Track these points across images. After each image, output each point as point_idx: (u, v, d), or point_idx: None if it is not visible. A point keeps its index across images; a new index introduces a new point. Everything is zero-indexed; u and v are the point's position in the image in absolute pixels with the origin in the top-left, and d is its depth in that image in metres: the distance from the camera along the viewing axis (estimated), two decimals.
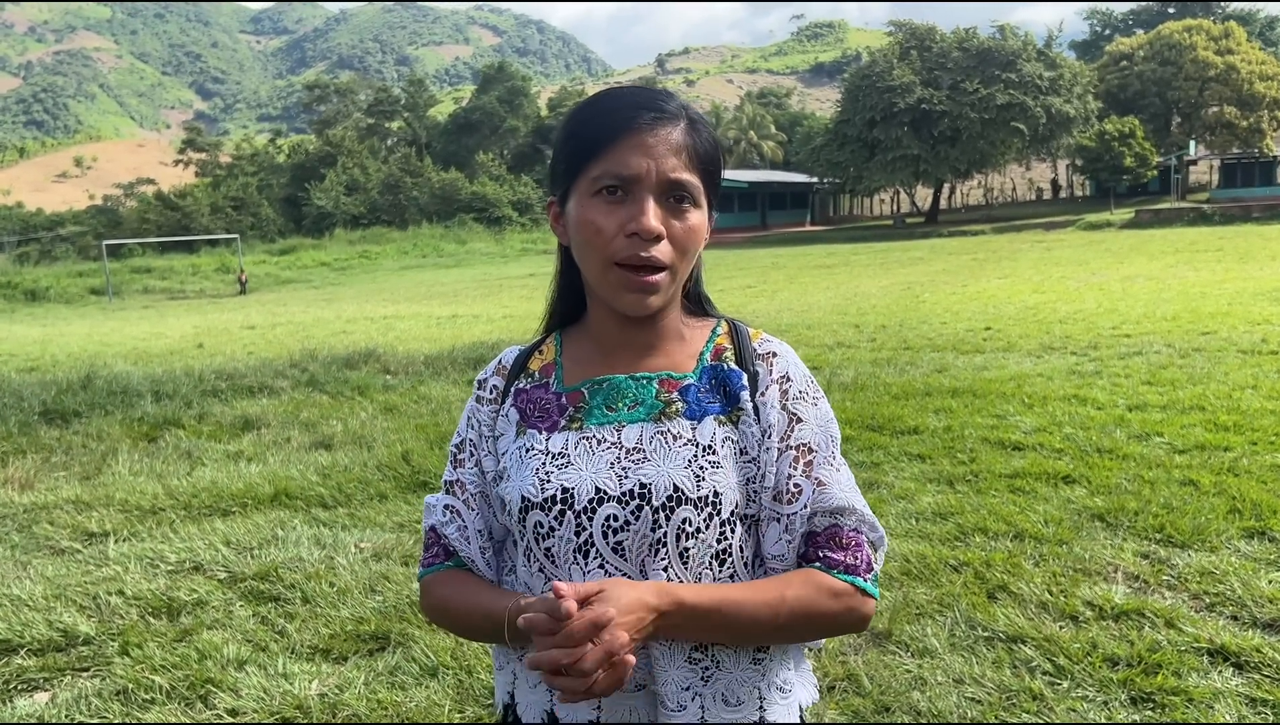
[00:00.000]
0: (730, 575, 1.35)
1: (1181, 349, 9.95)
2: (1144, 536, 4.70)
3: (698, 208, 1.35)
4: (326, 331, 18.05)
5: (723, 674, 1.34)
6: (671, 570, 1.31)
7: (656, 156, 1.30)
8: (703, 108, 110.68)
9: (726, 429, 1.36)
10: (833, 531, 1.36)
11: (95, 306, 34.59)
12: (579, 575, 1.32)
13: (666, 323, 1.43)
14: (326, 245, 56.68)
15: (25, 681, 3.76)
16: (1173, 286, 16.64)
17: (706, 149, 1.36)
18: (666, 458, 1.33)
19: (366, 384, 10.09)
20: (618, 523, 1.31)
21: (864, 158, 55.86)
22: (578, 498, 1.33)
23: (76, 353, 16.29)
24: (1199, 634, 3.63)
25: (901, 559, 4.54)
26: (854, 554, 1.36)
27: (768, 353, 1.41)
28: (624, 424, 1.37)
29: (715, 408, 1.37)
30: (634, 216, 1.30)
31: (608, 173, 1.31)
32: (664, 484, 1.31)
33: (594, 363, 1.44)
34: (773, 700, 1.38)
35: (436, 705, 3.43)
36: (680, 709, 1.32)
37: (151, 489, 6.36)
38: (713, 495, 1.31)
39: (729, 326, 1.47)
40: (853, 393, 8.52)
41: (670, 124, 1.33)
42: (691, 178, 1.33)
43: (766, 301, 19.12)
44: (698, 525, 1.31)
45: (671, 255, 1.33)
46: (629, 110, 1.33)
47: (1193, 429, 6.62)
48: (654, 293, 1.33)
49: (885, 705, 3.31)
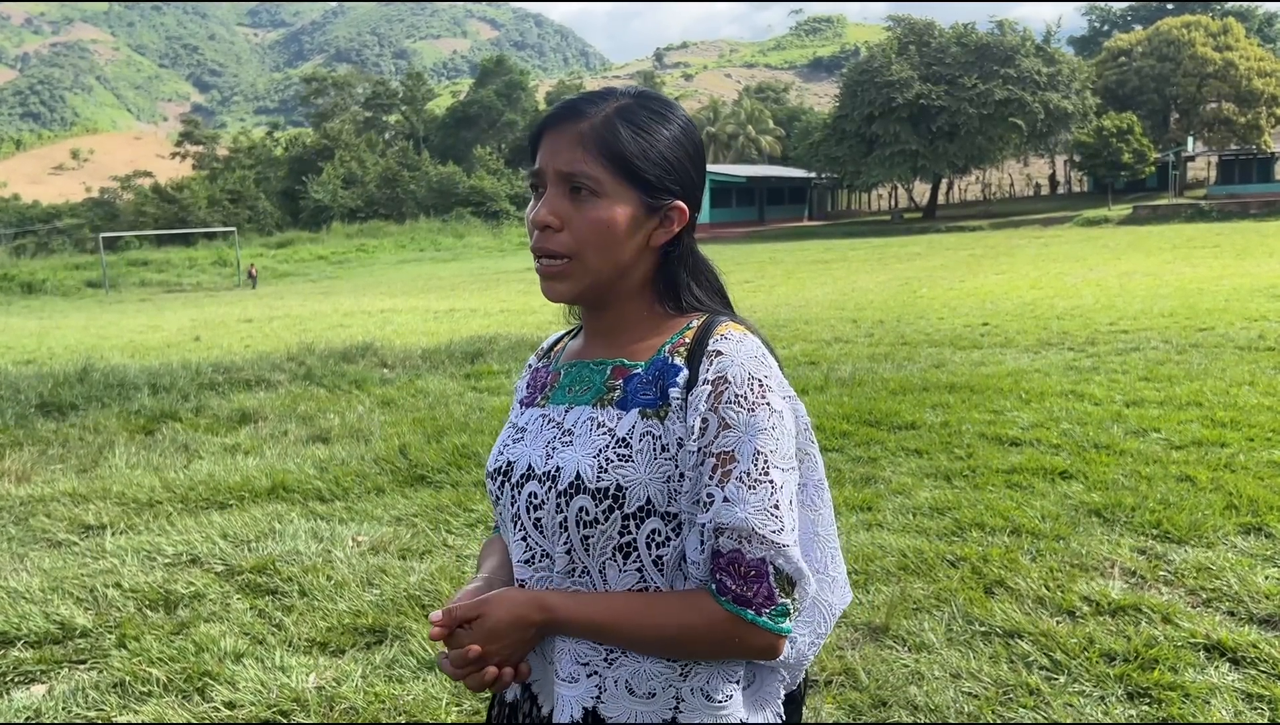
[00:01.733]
0: (637, 569, 1.32)
1: (1179, 345, 9.97)
2: (1141, 532, 4.71)
3: (601, 198, 1.34)
4: (324, 325, 18.03)
5: (629, 660, 1.33)
6: (575, 554, 1.33)
7: (555, 152, 1.36)
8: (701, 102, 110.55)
9: (650, 423, 1.32)
10: (734, 556, 1.27)
11: (92, 299, 34.55)
12: (511, 542, 1.42)
13: (623, 313, 1.43)
14: (324, 239, 56.58)
15: (22, 674, 3.76)
16: (1170, 283, 16.66)
17: (623, 143, 1.35)
18: (584, 444, 1.34)
19: (364, 378, 10.09)
20: (536, 500, 1.36)
21: (862, 153, 55.84)
22: (515, 471, 1.41)
23: (73, 346, 16.27)
24: (1195, 629, 3.63)
25: (899, 554, 4.55)
26: (749, 585, 1.27)
27: (714, 351, 1.33)
28: (572, 406, 1.41)
29: (645, 400, 1.34)
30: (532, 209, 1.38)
31: (529, 171, 1.41)
32: (570, 469, 1.33)
33: (579, 348, 1.50)
34: (692, 705, 1.33)
35: (434, 699, 3.44)
36: (572, 680, 1.34)
37: (148, 482, 6.35)
38: (614, 488, 1.29)
39: (704, 321, 1.40)
40: (850, 388, 8.53)
41: (580, 120, 1.36)
42: (591, 169, 1.34)
43: (764, 296, 19.12)
44: (595, 516, 1.30)
45: (570, 244, 1.35)
46: (552, 113, 1.39)
47: (1190, 425, 6.63)
48: (556, 280, 1.37)
49: (882, 700, 3.32)
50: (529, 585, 1.38)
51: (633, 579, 1.33)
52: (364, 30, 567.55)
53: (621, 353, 1.42)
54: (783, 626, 1.29)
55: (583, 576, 1.35)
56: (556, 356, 1.53)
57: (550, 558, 1.36)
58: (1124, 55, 62.37)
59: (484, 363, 10.77)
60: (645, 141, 1.37)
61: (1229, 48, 57.60)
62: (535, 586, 1.37)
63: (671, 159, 1.39)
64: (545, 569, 1.37)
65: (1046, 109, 52.87)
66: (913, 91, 53.22)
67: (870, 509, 5.25)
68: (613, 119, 1.36)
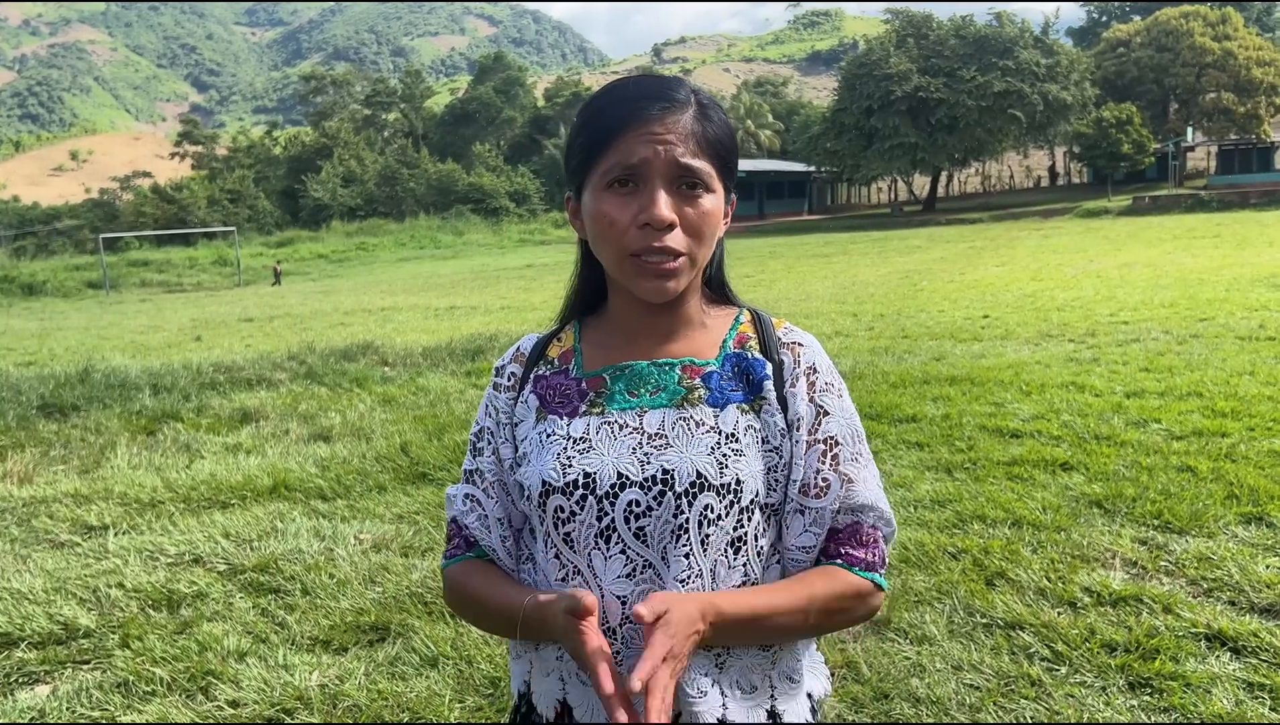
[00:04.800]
0: (744, 563, 1.34)
1: (1179, 335, 9.96)
2: (1142, 523, 4.71)
3: (710, 192, 1.34)
4: (324, 323, 18.04)
5: (735, 660, 1.35)
6: (693, 557, 1.31)
7: (664, 145, 1.30)
8: None
9: (749, 417, 1.36)
10: (854, 528, 1.37)
11: (92, 300, 34.53)
12: (599, 559, 1.33)
13: (688, 309, 1.43)
14: (324, 237, 56.51)
15: (26, 674, 3.77)
16: (1170, 273, 16.64)
17: (718, 134, 1.36)
18: (689, 444, 1.33)
19: (365, 376, 10.09)
20: (640, 508, 1.32)
21: (861, 146, 55.78)
22: (600, 482, 1.33)
23: (74, 346, 16.28)
24: (1196, 619, 3.64)
25: (900, 547, 4.55)
26: (872, 551, 1.37)
27: (793, 342, 1.42)
28: (646, 409, 1.37)
29: (738, 396, 1.38)
30: (645, 207, 1.30)
31: (617, 165, 1.31)
32: (687, 470, 1.31)
33: (616, 349, 1.45)
34: (782, 690, 1.38)
35: (437, 695, 3.44)
36: (701, 695, 1.31)
37: (150, 482, 6.36)
38: (735, 483, 1.32)
39: (752, 315, 1.47)
40: (851, 381, 8.53)
41: (678, 111, 1.33)
42: (702, 163, 1.33)
43: (764, 291, 19.11)
44: (719, 512, 1.31)
45: (686, 242, 1.33)
46: (636, 101, 1.33)
47: (1190, 415, 6.63)
48: (672, 279, 1.33)
49: (884, 692, 3.32)
50: (630, 601, 1.32)
51: (739, 577, 1.35)
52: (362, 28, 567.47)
53: (681, 349, 1.42)
54: (886, 582, 1.40)
55: (696, 580, 1.31)
56: (572, 362, 1.47)
57: (654, 567, 1.32)
58: (1123, 46, 62.25)
59: (485, 360, 10.77)
60: (730, 134, 1.39)
61: (1228, 37, 57.51)
62: (638, 600, 1.31)
63: (737, 151, 1.42)
64: (649, 580, 1.32)
65: (1045, 100, 52.77)
66: (911, 84, 53.15)
67: None
68: (705, 109, 1.36)
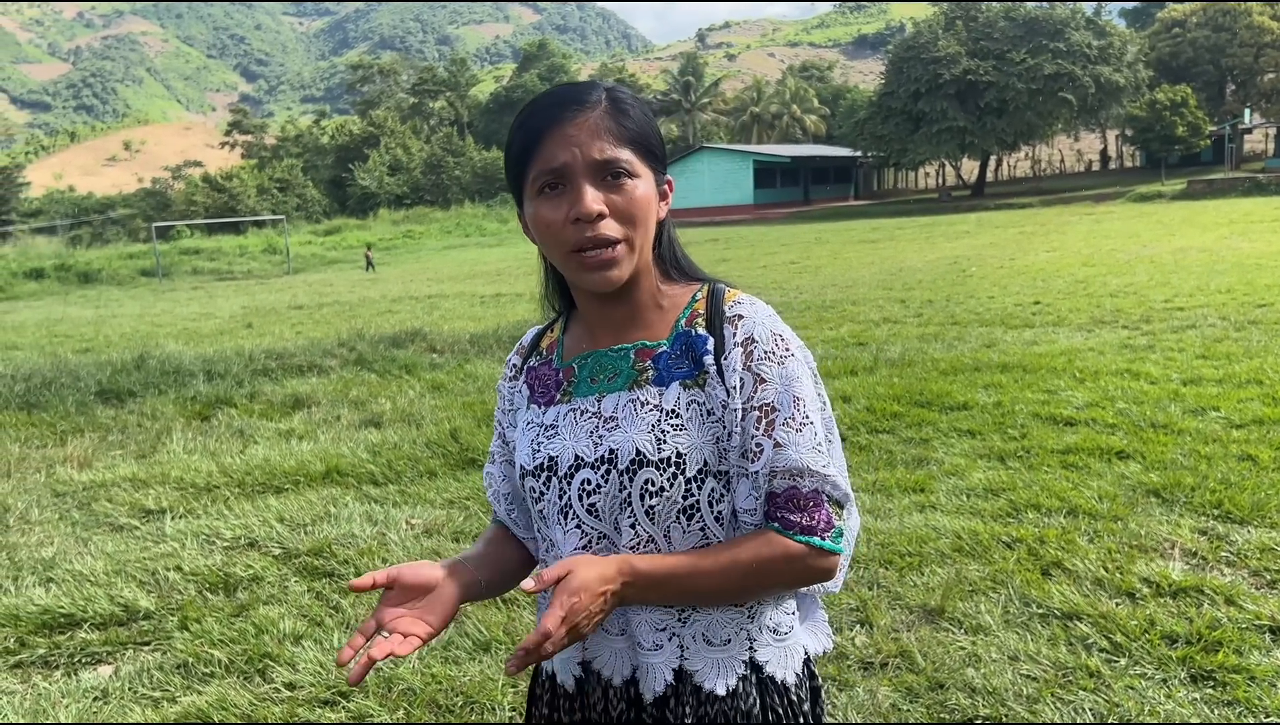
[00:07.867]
0: (700, 528, 1.41)
1: (1237, 322, 9.75)
2: (1201, 512, 4.62)
3: (635, 177, 1.40)
4: (372, 311, 18.20)
5: (701, 615, 1.44)
6: (639, 526, 1.41)
7: (579, 144, 1.38)
8: (744, 82, 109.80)
9: (692, 392, 1.42)
10: (791, 493, 1.40)
11: (146, 288, 35.09)
12: (561, 534, 1.46)
13: (639, 294, 1.49)
14: (371, 225, 57.04)
15: (89, 655, 3.85)
16: (1227, 258, 16.29)
17: (634, 123, 1.42)
18: (633, 424, 1.42)
19: (414, 363, 10.17)
20: (591, 486, 1.43)
21: (909, 130, 55.18)
22: (560, 464, 1.46)
23: (129, 333, 16.57)
24: (1260, 611, 3.57)
25: (953, 536, 4.51)
26: (811, 514, 1.40)
27: (735, 315, 1.45)
28: (604, 394, 1.47)
29: (682, 372, 1.44)
30: (573, 203, 1.37)
31: (542, 171, 1.39)
32: (628, 448, 1.40)
33: (585, 339, 1.55)
34: (764, 641, 1.46)
35: (490, 679, 3.47)
36: (656, 648, 1.43)
37: (206, 467, 6.47)
38: (675, 456, 1.39)
39: (709, 291, 1.51)
40: (900, 368, 8.45)
41: (589, 111, 1.40)
42: (620, 152, 1.39)
43: (810, 277, 18.99)
44: (661, 484, 1.39)
45: (621, 229, 1.39)
46: (549, 109, 1.41)
47: (1250, 403, 6.49)
48: (614, 267, 1.40)
49: (939, 682, 3.29)
50: None
51: (696, 538, 1.42)
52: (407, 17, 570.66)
53: (637, 334, 1.49)
54: (840, 546, 1.43)
55: (648, 545, 1.41)
56: (554, 352, 1.58)
57: (608, 537, 1.43)
58: (1178, 26, 61.01)
59: None
60: (647, 121, 1.46)
61: None
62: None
63: (660, 136, 1.49)
64: (604, 550, 1.43)
65: (1097, 83, 51.83)
66: (960, 67, 52.44)
67: (923, 491, 5.21)
68: (619, 104, 1.43)
